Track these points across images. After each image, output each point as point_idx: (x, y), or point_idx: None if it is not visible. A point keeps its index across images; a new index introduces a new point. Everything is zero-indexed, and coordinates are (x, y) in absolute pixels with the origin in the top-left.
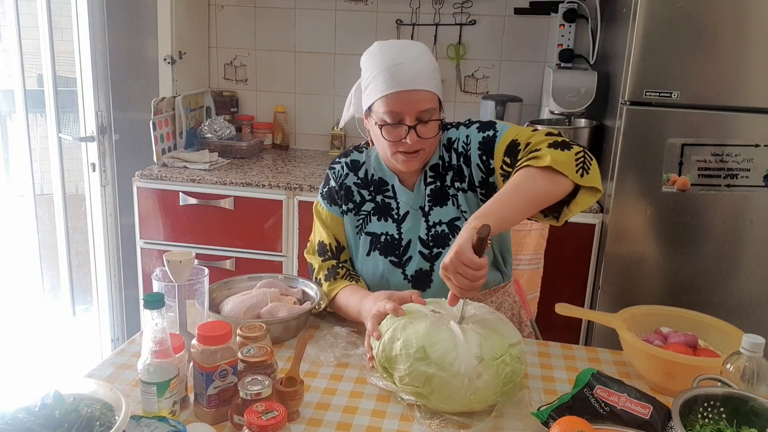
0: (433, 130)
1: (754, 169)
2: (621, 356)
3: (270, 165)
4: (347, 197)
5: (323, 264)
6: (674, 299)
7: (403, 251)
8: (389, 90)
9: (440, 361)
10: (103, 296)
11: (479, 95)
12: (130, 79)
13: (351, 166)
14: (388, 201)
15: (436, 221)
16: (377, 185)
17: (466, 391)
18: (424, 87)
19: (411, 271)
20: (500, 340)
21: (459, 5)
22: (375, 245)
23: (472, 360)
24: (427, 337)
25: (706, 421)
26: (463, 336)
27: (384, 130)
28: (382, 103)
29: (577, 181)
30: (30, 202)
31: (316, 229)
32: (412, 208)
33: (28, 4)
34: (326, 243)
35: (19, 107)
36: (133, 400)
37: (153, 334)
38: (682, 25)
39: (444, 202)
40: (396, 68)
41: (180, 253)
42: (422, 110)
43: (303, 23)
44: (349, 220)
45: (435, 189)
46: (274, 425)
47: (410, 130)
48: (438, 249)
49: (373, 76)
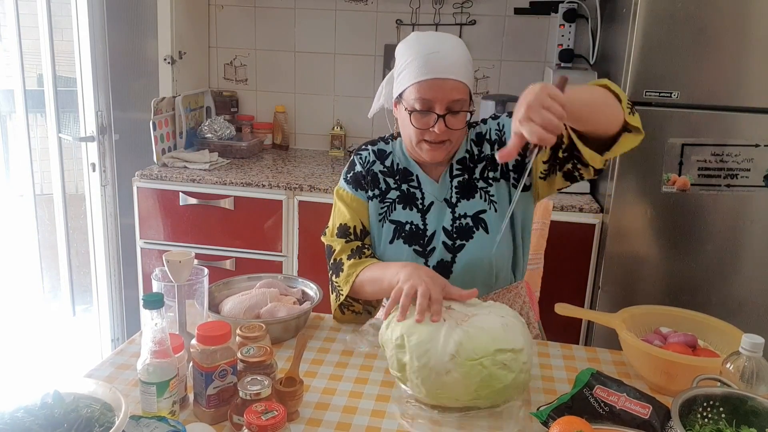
0: (461, 122)
1: (754, 169)
2: (620, 356)
3: (270, 165)
4: (373, 183)
5: (347, 245)
6: (674, 299)
7: (427, 241)
8: (422, 77)
9: (413, 350)
10: (103, 296)
11: (479, 95)
12: (130, 79)
13: (378, 154)
14: (413, 190)
15: (461, 213)
16: (402, 174)
17: (432, 383)
18: (458, 77)
19: (433, 261)
20: (487, 343)
21: (459, 5)
22: (399, 233)
23: (443, 356)
24: (410, 326)
25: (706, 421)
26: (447, 332)
27: (413, 117)
28: (414, 90)
29: (627, 118)
30: (30, 202)
31: (337, 212)
32: (437, 200)
33: (28, 4)
34: (350, 225)
35: (19, 107)
36: (133, 400)
37: (152, 334)
38: (682, 25)
39: (472, 194)
40: (431, 56)
41: (179, 253)
42: (453, 100)
43: (303, 23)
44: (373, 206)
45: (463, 181)
46: (274, 425)
47: (439, 119)
48: (461, 241)
49: (407, 63)
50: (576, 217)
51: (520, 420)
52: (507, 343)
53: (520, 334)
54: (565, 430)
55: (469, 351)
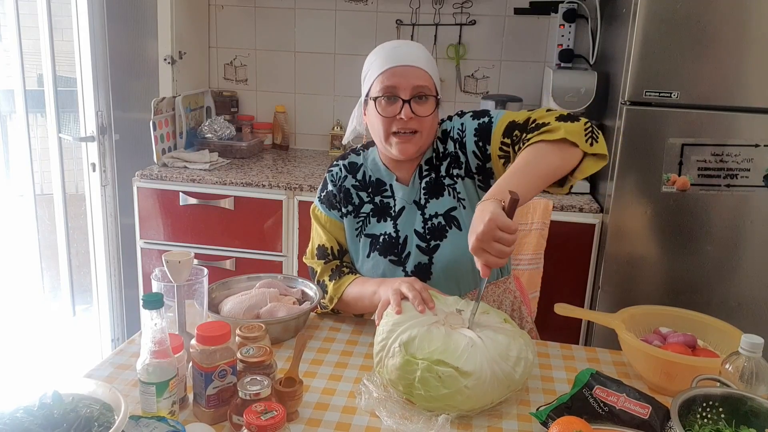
0: (428, 110)
1: (754, 169)
2: (620, 356)
3: (270, 165)
4: (346, 200)
5: (326, 266)
6: (674, 299)
7: (401, 248)
8: (386, 66)
9: (379, 345)
10: (103, 296)
11: (479, 95)
12: (130, 79)
13: (349, 168)
14: (387, 200)
15: (432, 214)
16: (375, 186)
17: (382, 364)
18: (420, 65)
19: (411, 266)
20: (437, 350)
21: (459, 5)
22: (374, 246)
23: (395, 342)
24: (393, 322)
25: (705, 421)
26: (403, 329)
27: (379, 106)
28: (379, 81)
29: (588, 150)
30: (30, 202)
31: (315, 233)
32: (407, 203)
33: (28, 4)
34: (327, 246)
35: (19, 107)
36: (132, 400)
37: (152, 334)
38: (682, 25)
39: (440, 193)
40: (393, 50)
41: (179, 254)
42: (418, 85)
43: (303, 23)
44: (348, 222)
45: (430, 181)
46: (273, 425)
47: (405, 104)
48: (435, 241)
49: (371, 63)
50: (576, 217)
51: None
52: (455, 361)
53: (486, 361)
54: (565, 430)
55: (419, 350)
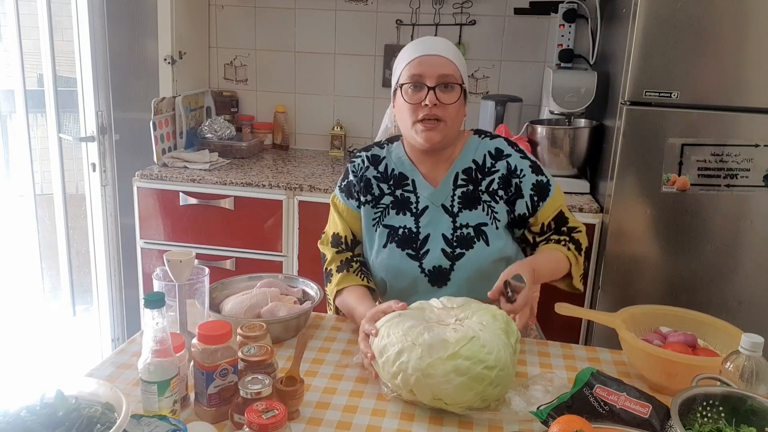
0: (453, 98)
1: (754, 169)
2: (620, 356)
3: (270, 165)
4: (366, 189)
5: (336, 256)
6: (674, 299)
7: (420, 245)
8: (414, 55)
9: (378, 345)
10: (104, 296)
11: (479, 95)
12: (130, 79)
13: (371, 159)
14: (407, 195)
15: (463, 223)
16: (397, 180)
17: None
18: (447, 55)
19: (429, 265)
20: (410, 347)
21: (459, 5)
22: (392, 237)
23: (382, 340)
24: (393, 324)
25: (705, 420)
26: (386, 328)
27: (405, 92)
28: (407, 70)
29: (577, 285)
30: (30, 202)
31: (331, 220)
32: (433, 204)
33: (28, 4)
34: (341, 235)
35: (19, 107)
36: (134, 399)
37: (153, 334)
38: (682, 25)
39: (474, 205)
40: (422, 42)
41: (180, 253)
42: (443, 74)
43: (303, 23)
44: (365, 212)
45: (467, 192)
46: (275, 424)
47: (429, 91)
48: (461, 250)
49: (401, 55)
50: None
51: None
52: (477, 352)
53: (498, 344)
54: (565, 429)
55: (396, 340)
